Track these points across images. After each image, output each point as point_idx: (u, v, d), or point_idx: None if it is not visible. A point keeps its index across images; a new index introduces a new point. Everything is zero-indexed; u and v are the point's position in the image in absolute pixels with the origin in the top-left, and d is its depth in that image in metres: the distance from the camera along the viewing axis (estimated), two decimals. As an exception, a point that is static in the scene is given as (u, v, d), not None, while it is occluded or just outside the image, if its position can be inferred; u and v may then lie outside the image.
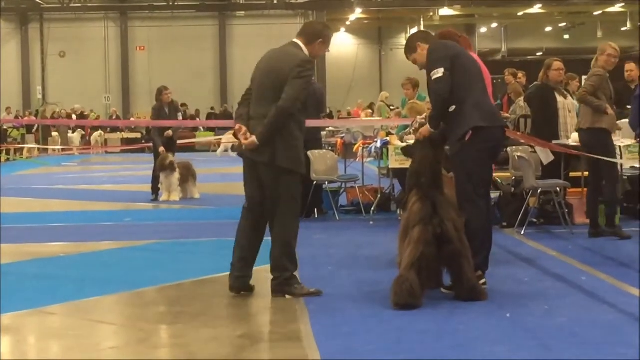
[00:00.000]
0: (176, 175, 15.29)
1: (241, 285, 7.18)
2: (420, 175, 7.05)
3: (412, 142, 9.21)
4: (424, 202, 6.83)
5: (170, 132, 15.31)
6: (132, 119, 38.55)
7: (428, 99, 10.97)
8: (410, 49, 7.60)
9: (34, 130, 33.89)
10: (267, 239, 7.24)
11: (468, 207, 7.15)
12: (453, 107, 7.23)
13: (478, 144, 7.20)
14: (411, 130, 11.73)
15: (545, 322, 6.18)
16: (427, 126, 7.34)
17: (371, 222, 11.97)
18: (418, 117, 11.25)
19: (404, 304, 6.54)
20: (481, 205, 7.24)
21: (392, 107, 23.64)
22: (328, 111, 22.09)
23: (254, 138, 6.97)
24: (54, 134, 35.39)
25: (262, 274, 7.36)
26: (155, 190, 15.47)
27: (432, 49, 7.43)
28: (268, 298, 7.04)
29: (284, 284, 7.07)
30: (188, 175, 15.71)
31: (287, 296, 7.03)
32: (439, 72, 7.19)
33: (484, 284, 7.11)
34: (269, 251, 7.16)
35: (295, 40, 7.26)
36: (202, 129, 36.10)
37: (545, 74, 11.60)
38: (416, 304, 6.57)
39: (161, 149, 15.12)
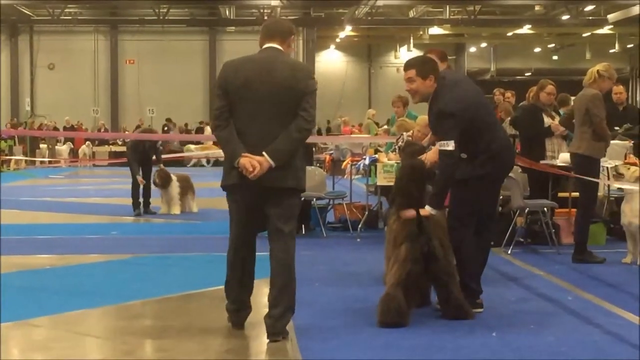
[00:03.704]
0: (174, 188, 15.23)
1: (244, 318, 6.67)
2: (404, 192, 6.96)
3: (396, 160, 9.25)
4: (409, 220, 6.77)
5: (143, 181, 15.02)
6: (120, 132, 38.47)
7: (418, 118, 11.01)
8: (424, 71, 6.94)
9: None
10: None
11: (461, 231, 7.07)
12: (464, 156, 6.93)
13: (488, 183, 7.13)
14: (396, 147, 11.74)
15: (531, 341, 6.19)
16: (428, 208, 6.80)
17: (358, 239, 11.98)
18: (405, 133, 11.23)
19: (390, 322, 6.53)
20: (470, 230, 7.15)
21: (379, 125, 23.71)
22: (317, 127, 22.11)
23: (269, 161, 6.05)
24: (42, 145, 35.33)
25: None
26: (137, 205, 15.28)
27: (445, 103, 6.86)
28: (254, 313, 7.00)
29: (285, 327, 6.30)
30: (187, 188, 15.67)
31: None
32: (449, 145, 6.74)
33: (480, 305, 7.13)
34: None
35: (272, 45, 6.33)
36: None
37: (537, 94, 11.62)
38: (403, 322, 6.56)
39: (139, 178, 14.97)
